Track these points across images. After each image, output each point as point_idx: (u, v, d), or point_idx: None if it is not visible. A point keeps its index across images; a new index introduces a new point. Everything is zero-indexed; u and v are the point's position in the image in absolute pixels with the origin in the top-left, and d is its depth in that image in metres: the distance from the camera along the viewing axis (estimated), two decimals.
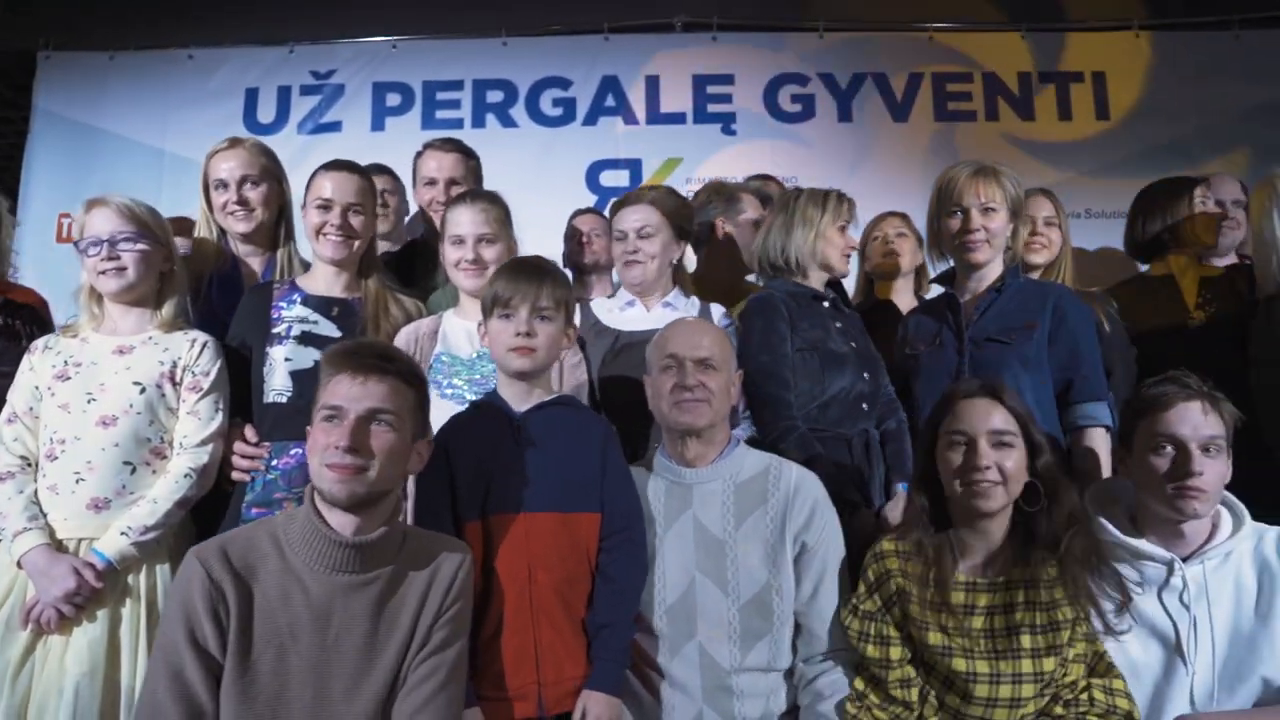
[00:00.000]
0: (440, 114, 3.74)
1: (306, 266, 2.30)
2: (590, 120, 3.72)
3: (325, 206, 2.15)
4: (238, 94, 3.78)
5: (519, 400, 1.73)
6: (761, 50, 3.77)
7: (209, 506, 2.00)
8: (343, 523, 1.44)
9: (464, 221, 2.15)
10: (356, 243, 2.21)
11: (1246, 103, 3.68)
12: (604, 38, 3.77)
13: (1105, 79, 3.73)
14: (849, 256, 2.26)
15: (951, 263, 2.28)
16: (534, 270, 1.75)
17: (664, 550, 1.74)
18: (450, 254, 2.16)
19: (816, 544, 1.75)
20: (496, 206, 2.21)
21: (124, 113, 3.76)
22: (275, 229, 2.35)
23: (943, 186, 2.19)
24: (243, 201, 2.27)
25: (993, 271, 2.24)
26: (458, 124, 3.72)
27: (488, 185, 3.32)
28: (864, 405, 2.12)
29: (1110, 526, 1.80)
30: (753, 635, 1.69)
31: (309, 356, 2.03)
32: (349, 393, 1.43)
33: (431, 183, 2.65)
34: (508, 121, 3.74)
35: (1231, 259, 2.85)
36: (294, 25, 3.80)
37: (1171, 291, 2.54)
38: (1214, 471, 1.66)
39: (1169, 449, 1.69)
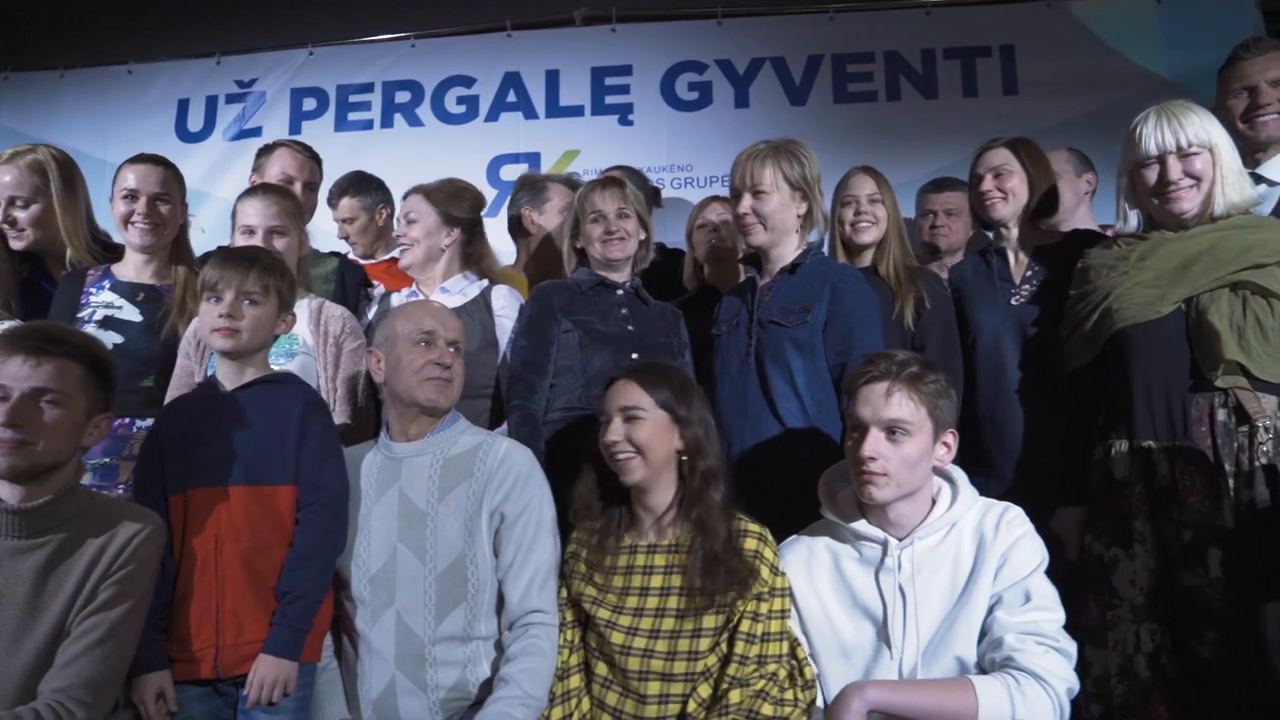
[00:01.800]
0: (352, 115, 3.89)
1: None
2: (492, 116, 3.81)
3: (131, 196, 2.31)
4: (171, 105, 4.02)
5: (231, 379, 1.83)
6: (660, 40, 3.78)
7: None
8: (10, 492, 1.56)
9: (253, 213, 2.28)
10: (164, 230, 2.36)
11: (1168, 72, 3.49)
12: (507, 35, 3.85)
13: (1014, 52, 3.59)
14: (617, 241, 2.27)
15: None
16: (242, 257, 1.85)
17: (371, 522, 1.82)
18: (239, 244, 2.28)
19: (518, 516, 1.80)
20: (287, 200, 2.34)
21: (71, 126, 4.03)
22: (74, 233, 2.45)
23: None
24: (10, 221, 2.40)
25: (786, 253, 2.24)
26: (368, 125, 3.88)
27: (396, 184, 3.52)
28: None
29: (828, 510, 1.80)
30: (448, 604, 1.75)
31: (108, 340, 2.18)
32: (16, 372, 1.55)
33: (288, 181, 2.77)
34: (414, 121, 3.86)
35: (1089, 224, 2.75)
36: (221, 37, 4.01)
37: (1004, 264, 2.46)
38: (896, 455, 1.65)
39: (855, 431, 1.69)
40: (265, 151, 2.87)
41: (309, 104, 3.93)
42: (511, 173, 3.70)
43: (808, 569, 1.77)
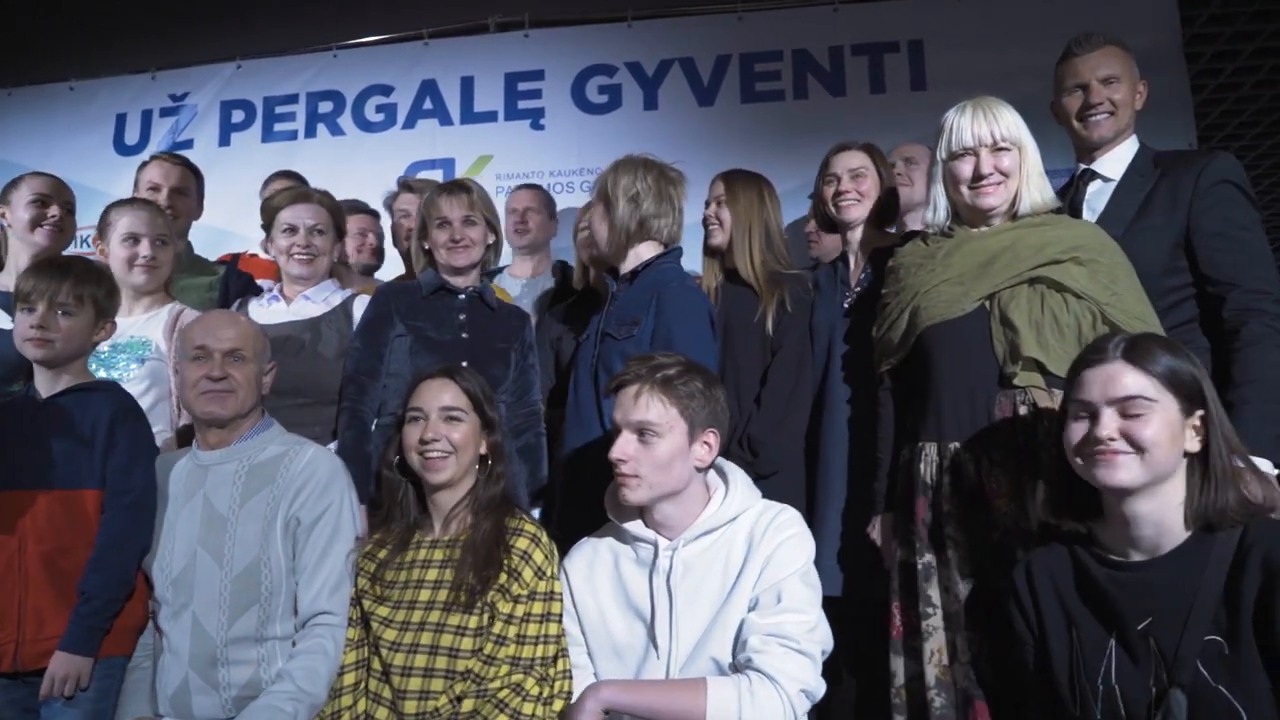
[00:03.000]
0: (278, 126, 3.99)
1: None
2: (409, 124, 3.88)
3: (42, 202, 2.49)
4: (109, 119, 4.15)
5: (47, 386, 1.91)
6: (571, 44, 3.82)
7: None
8: None
9: (125, 222, 2.37)
10: (65, 238, 2.53)
11: None
12: (424, 43, 3.91)
13: (923, 47, 3.57)
14: (462, 249, 2.31)
15: None
16: (57, 268, 1.93)
17: (176, 526, 1.88)
18: (121, 251, 2.37)
19: (314, 521, 1.85)
20: (161, 214, 2.44)
21: (16, 142, 4.20)
22: None
23: None
24: None
25: (628, 263, 2.26)
26: (292, 135, 3.97)
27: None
28: None
29: (612, 512, 1.83)
30: (242, 605, 1.81)
31: None
32: None
33: (155, 189, 2.86)
34: (336, 130, 3.94)
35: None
36: (157, 53, 4.14)
37: (845, 269, 2.46)
38: (647, 457, 1.67)
39: (616, 434, 1.72)
40: (141, 167, 2.96)
41: (237, 116, 4.04)
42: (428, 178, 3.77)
43: (590, 569, 1.81)
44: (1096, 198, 2.21)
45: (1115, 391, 1.47)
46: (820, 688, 1.60)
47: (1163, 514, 1.46)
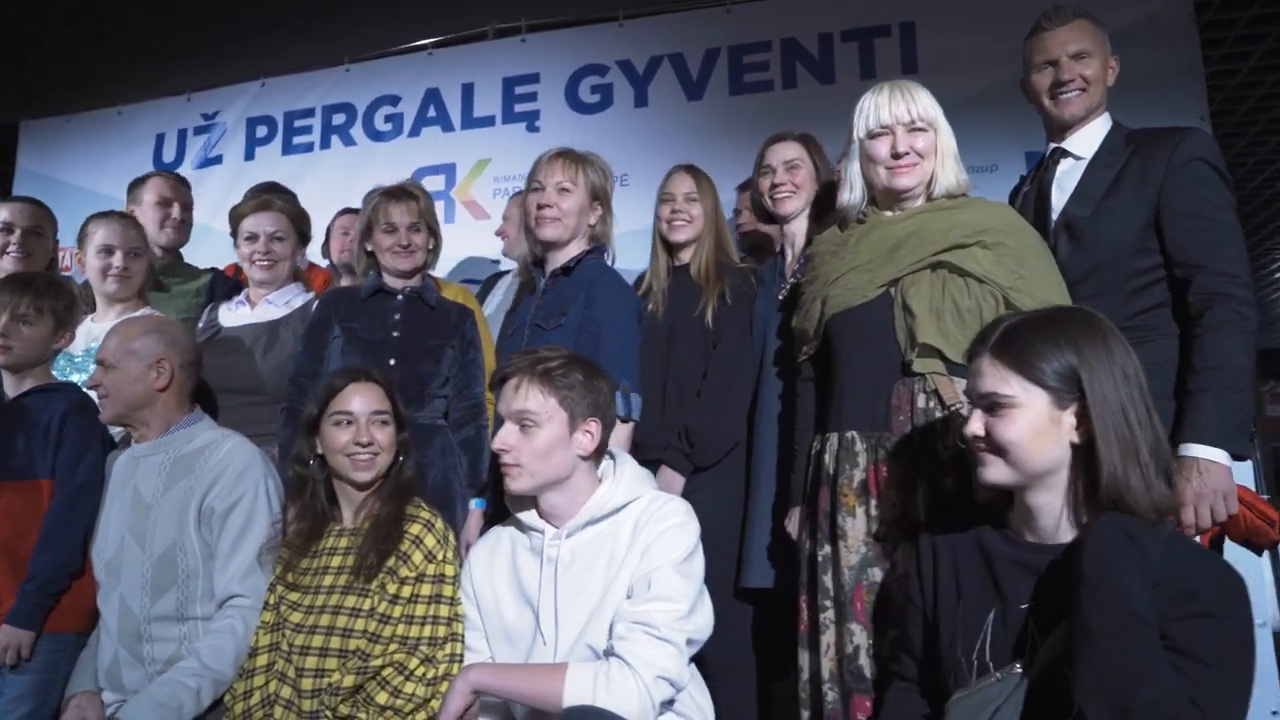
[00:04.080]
0: (296, 139, 4.20)
1: None
2: (415, 132, 4.02)
3: (6, 229, 2.67)
4: (150, 140, 4.46)
5: (13, 388, 2.12)
6: (565, 46, 3.87)
7: None
8: None
9: (101, 234, 2.56)
10: (34, 260, 2.72)
11: None
12: (428, 54, 4.05)
13: (914, 30, 3.47)
14: (405, 252, 2.39)
15: None
16: (19, 283, 2.13)
17: (110, 513, 2.03)
18: (96, 262, 2.56)
19: (229, 509, 1.95)
20: (139, 228, 2.62)
21: (73, 164, 4.56)
22: None
23: None
24: None
25: (567, 254, 2.30)
26: (309, 148, 4.17)
27: (335, 201, 3.79)
28: None
29: (509, 502, 1.87)
30: (162, 587, 1.94)
31: None
32: None
33: (166, 204, 3.05)
34: (349, 140, 4.12)
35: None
36: (191, 76, 4.42)
37: (783, 261, 2.43)
38: (527, 447, 1.72)
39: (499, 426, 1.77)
40: (139, 183, 3.11)
41: (261, 131, 4.27)
42: (429, 184, 3.85)
43: (491, 556, 1.85)
44: (1067, 177, 2.09)
45: (975, 389, 1.43)
46: (683, 675, 1.60)
47: (1062, 506, 1.40)
